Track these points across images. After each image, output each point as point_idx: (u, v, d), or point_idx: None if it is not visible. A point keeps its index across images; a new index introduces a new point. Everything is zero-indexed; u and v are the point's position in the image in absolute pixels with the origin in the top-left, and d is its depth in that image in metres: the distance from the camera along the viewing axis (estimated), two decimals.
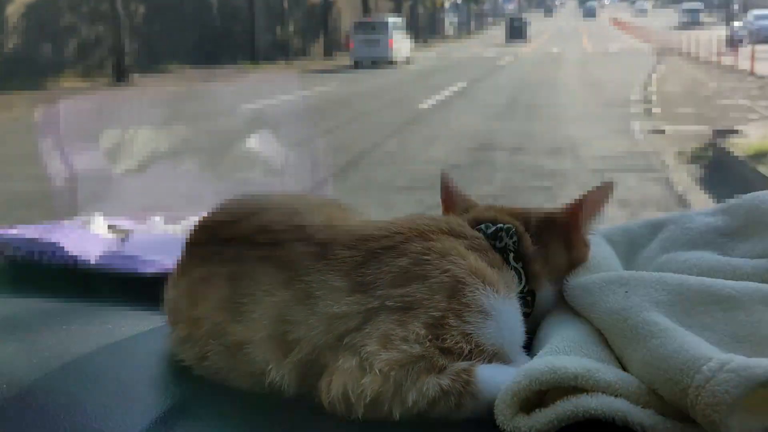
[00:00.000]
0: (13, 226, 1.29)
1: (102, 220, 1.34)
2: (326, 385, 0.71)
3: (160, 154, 2.02)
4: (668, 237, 0.91)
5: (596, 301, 0.76)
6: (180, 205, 1.51)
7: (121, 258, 1.15)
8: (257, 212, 0.82)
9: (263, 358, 0.74)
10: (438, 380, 0.68)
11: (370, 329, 0.71)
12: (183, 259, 0.86)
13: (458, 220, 0.83)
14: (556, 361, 0.67)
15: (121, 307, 1.05)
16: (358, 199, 6.46)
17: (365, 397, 0.68)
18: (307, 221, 0.80)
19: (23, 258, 1.19)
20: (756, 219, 0.87)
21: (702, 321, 0.71)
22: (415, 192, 6.94)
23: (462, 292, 0.72)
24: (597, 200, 0.84)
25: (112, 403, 0.78)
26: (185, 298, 0.82)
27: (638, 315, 0.70)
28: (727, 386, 0.59)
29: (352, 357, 0.70)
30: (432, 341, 0.70)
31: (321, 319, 0.72)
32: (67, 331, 0.98)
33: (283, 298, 0.74)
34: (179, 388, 0.81)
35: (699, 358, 0.62)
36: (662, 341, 0.65)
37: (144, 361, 0.88)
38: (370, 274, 0.73)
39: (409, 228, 0.78)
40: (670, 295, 0.73)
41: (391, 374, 0.68)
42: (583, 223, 0.84)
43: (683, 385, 0.61)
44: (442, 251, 0.75)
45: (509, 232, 0.81)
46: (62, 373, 0.85)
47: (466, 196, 0.93)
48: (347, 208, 0.90)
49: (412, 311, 0.71)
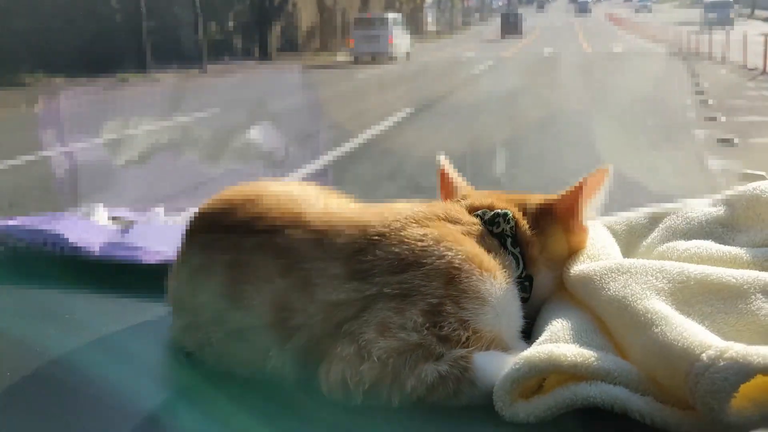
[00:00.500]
0: (15, 216, 1.29)
1: (104, 210, 1.34)
2: (325, 372, 0.71)
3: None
4: (669, 226, 0.91)
5: (596, 288, 0.76)
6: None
7: (123, 248, 1.15)
8: (255, 201, 0.82)
9: (264, 344, 0.75)
10: (436, 367, 0.69)
11: (368, 317, 0.71)
12: (183, 248, 0.86)
13: (455, 206, 0.83)
14: (555, 349, 0.67)
15: (123, 296, 1.05)
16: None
17: (363, 384, 0.69)
18: (304, 209, 0.80)
19: (26, 248, 1.19)
20: (756, 209, 0.87)
21: (702, 309, 0.72)
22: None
23: (458, 278, 0.72)
24: (594, 186, 0.84)
25: (116, 391, 0.78)
26: (186, 286, 0.83)
27: (638, 303, 0.70)
28: (726, 374, 0.59)
29: (351, 344, 0.70)
30: (429, 329, 0.70)
31: (320, 307, 0.73)
32: (70, 320, 0.98)
33: (282, 285, 0.74)
34: (182, 375, 0.82)
35: (698, 346, 0.62)
36: (662, 329, 0.66)
37: (147, 349, 0.89)
38: (368, 262, 0.73)
39: (406, 215, 0.78)
40: (670, 283, 0.74)
41: (389, 361, 0.69)
42: (581, 209, 0.84)
43: (682, 372, 0.61)
44: (438, 238, 0.75)
45: (506, 217, 0.82)
46: (66, 362, 0.85)
47: (464, 183, 0.93)
48: (344, 195, 0.90)
49: (409, 298, 0.71)
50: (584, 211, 0.84)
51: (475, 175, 4.63)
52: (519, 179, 6.34)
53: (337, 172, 6.96)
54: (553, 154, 7.55)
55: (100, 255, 1.14)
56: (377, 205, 0.84)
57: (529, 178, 6.41)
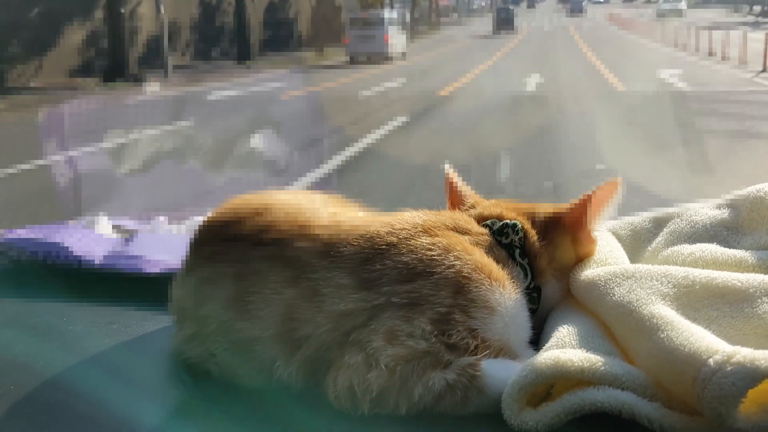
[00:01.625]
0: (17, 228, 1.29)
1: (106, 220, 1.34)
2: (332, 380, 0.71)
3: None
4: (673, 230, 0.90)
5: (601, 294, 0.76)
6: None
7: (126, 258, 1.15)
8: (261, 211, 0.82)
9: (271, 355, 0.75)
10: (444, 375, 0.68)
11: (376, 325, 0.71)
12: (188, 258, 0.86)
13: (463, 216, 0.83)
14: (562, 355, 0.67)
15: (126, 307, 1.05)
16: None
17: (371, 392, 0.68)
18: (311, 219, 0.80)
19: (29, 259, 1.19)
20: (761, 212, 0.87)
21: (708, 314, 0.71)
22: None
23: (467, 287, 0.72)
24: (604, 197, 0.83)
25: (121, 402, 0.78)
26: (191, 297, 0.83)
27: (644, 308, 0.70)
28: (733, 379, 0.59)
29: (359, 353, 0.70)
30: (438, 337, 0.70)
31: (328, 317, 0.72)
32: (73, 331, 0.98)
33: (290, 296, 0.74)
34: (186, 386, 0.81)
35: (705, 350, 0.62)
36: (668, 334, 0.65)
37: (151, 360, 0.88)
38: (376, 271, 0.73)
39: (414, 224, 0.78)
40: (675, 288, 0.73)
41: (397, 369, 0.68)
42: (590, 220, 0.83)
43: (689, 377, 0.61)
44: (447, 247, 0.75)
45: (515, 228, 0.81)
46: (70, 373, 0.85)
47: (472, 193, 0.93)
48: (351, 204, 0.90)
49: (417, 307, 0.71)
50: (593, 222, 0.84)
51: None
52: None
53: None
54: None
55: (102, 265, 1.14)
56: (385, 214, 0.83)
57: None
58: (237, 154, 8.19)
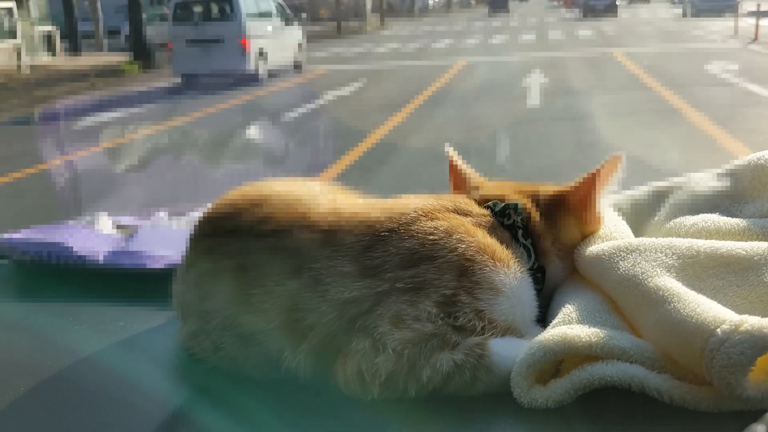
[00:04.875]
0: (19, 229, 1.29)
1: (107, 218, 1.34)
2: (341, 366, 0.71)
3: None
4: (675, 202, 0.90)
5: (606, 268, 0.75)
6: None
7: (129, 255, 1.15)
8: (260, 202, 0.81)
9: (278, 346, 0.75)
10: (451, 356, 0.68)
11: (381, 311, 0.71)
12: (189, 253, 0.85)
13: (464, 198, 0.83)
14: (569, 331, 0.67)
15: (131, 304, 1.05)
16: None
17: (380, 376, 0.68)
18: (311, 208, 0.79)
19: (32, 261, 1.19)
20: (762, 179, 0.87)
21: (713, 283, 0.71)
22: None
23: (471, 269, 0.72)
24: (607, 174, 0.82)
25: (127, 399, 0.78)
26: (194, 292, 0.82)
27: (650, 281, 0.70)
28: (741, 347, 0.59)
29: (366, 338, 0.70)
30: (444, 319, 0.70)
31: (333, 305, 0.72)
32: (78, 330, 0.98)
33: (294, 286, 0.74)
34: (192, 381, 0.81)
35: (712, 320, 0.61)
36: (675, 306, 0.65)
37: (156, 357, 0.88)
38: (378, 258, 0.73)
39: (414, 209, 0.77)
40: (680, 259, 0.73)
41: (404, 352, 0.68)
42: (596, 199, 0.83)
43: (698, 348, 0.61)
44: (449, 230, 0.74)
45: (517, 209, 0.81)
46: (76, 372, 0.85)
47: (474, 173, 0.92)
48: (350, 191, 0.89)
49: (422, 291, 0.71)
50: (598, 200, 0.83)
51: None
52: None
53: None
54: None
55: (104, 263, 1.14)
56: (385, 199, 0.83)
57: None
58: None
